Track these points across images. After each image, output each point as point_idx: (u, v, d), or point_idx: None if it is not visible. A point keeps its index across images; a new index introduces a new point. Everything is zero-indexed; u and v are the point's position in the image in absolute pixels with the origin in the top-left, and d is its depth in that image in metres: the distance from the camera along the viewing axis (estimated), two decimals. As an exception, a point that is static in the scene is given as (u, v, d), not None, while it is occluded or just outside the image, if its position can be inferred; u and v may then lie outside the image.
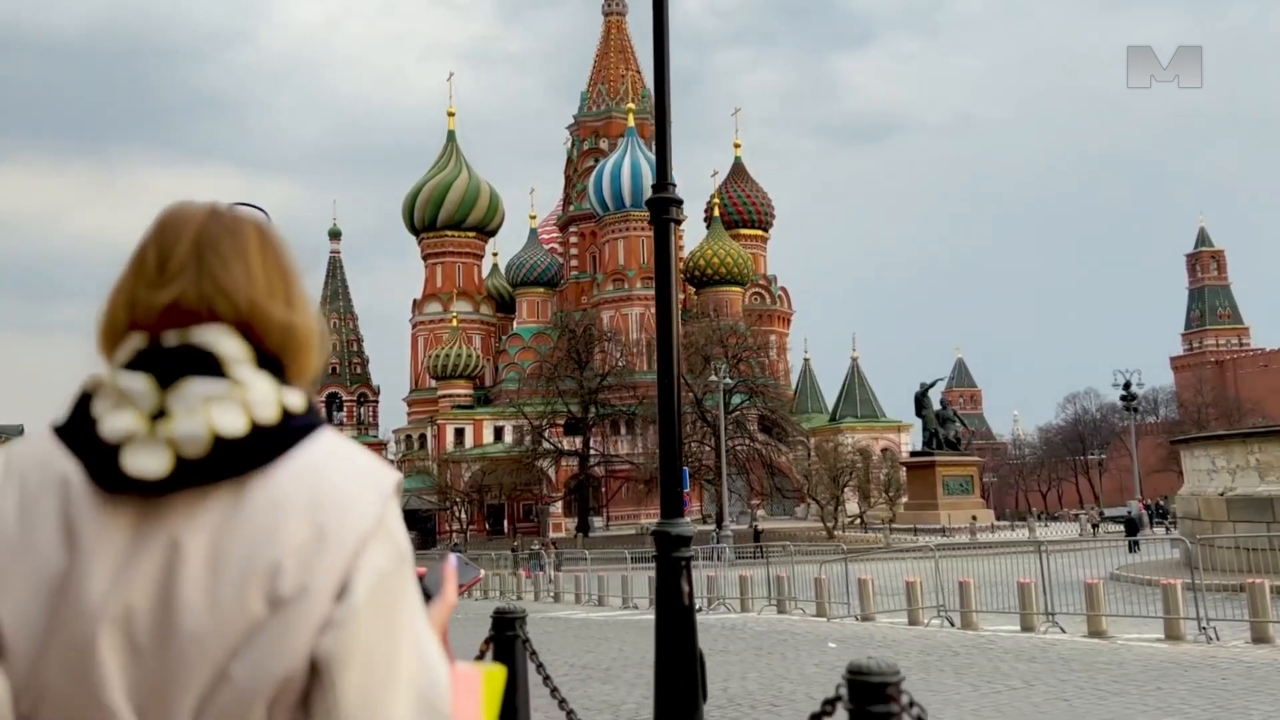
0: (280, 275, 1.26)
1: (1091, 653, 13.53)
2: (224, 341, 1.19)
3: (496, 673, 1.57)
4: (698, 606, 21.62)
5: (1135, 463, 72.36)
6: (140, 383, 1.16)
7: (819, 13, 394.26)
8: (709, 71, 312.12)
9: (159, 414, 1.14)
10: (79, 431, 1.16)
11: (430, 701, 1.17)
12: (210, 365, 1.17)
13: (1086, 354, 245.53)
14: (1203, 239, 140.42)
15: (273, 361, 1.22)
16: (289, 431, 1.17)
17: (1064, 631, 15.55)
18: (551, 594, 32.79)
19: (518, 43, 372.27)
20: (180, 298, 1.19)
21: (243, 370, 1.18)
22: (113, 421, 1.14)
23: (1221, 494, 23.00)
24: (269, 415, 1.17)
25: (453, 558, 1.65)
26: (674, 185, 4.67)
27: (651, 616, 19.72)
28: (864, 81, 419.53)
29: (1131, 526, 45.51)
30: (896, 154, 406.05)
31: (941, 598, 17.70)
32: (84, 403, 1.19)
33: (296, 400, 1.20)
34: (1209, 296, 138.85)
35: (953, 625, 17.18)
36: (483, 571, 2.00)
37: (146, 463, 1.12)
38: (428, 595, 1.44)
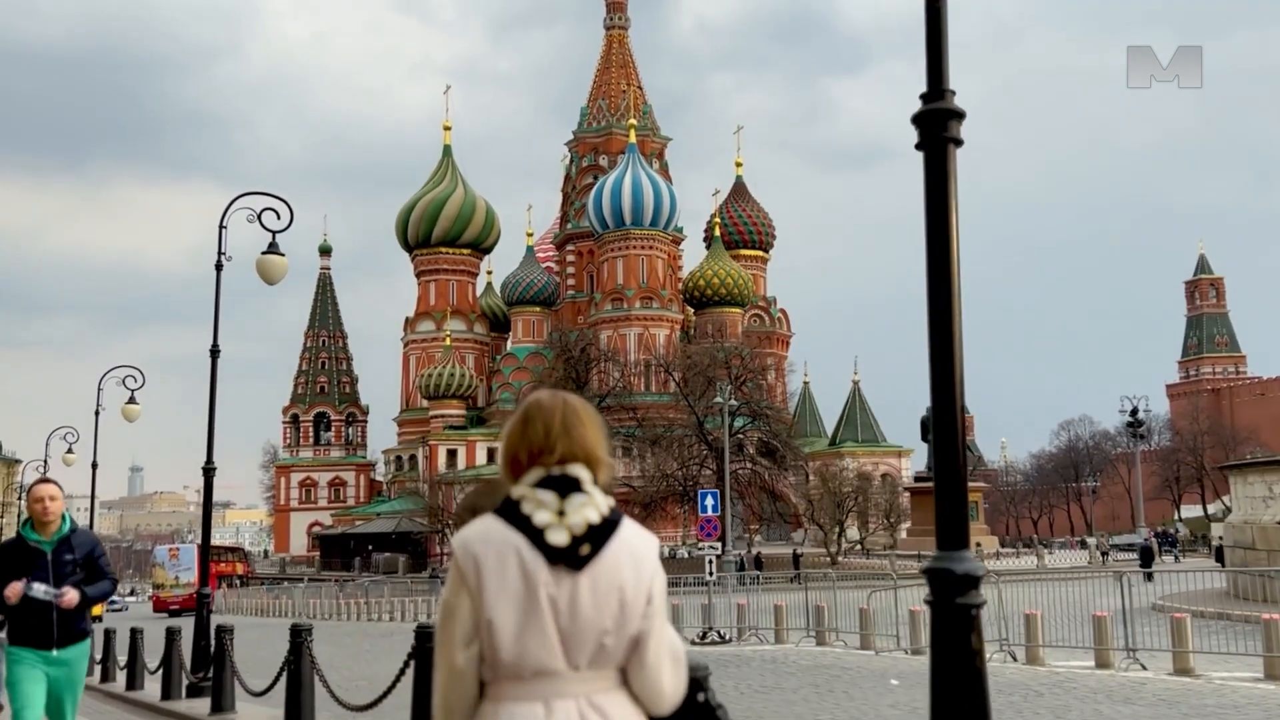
0: (598, 434, 2.52)
1: (1191, 694, 12.27)
2: (583, 473, 2.45)
3: None
4: (726, 636, 20.27)
5: (1140, 490, 71.19)
6: (549, 496, 2.40)
7: (812, 36, 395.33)
8: (701, 95, 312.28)
9: (560, 512, 2.38)
10: (518, 519, 2.38)
11: (677, 653, 2.49)
12: (578, 485, 2.43)
13: (1080, 381, 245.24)
14: (1202, 266, 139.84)
15: (595, 481, 2.47)
16: (614, 521, 2.43)
17: (1144, 668, 14.28)
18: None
19: (506, 61, 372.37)
20: (562, 452, 2.45)
21: (591, 487, 2.44)
22: (539, 516, 2.37)
23: (1279, 522, 21.82)
24: (606, 512, 2.42)
25: None
26: (952, 93, 3.40)
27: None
28: (857, 106, 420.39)
29: (1147, 555, 44.28)
30: (889, 178, 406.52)
31: (1002, 630, 16.39)
32: (513, 503, 2.41)
33: (612, 503, 2.46)
34: (1207, 324, 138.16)
35: (1014, 660, 15.90)
36: None
37: (558, 538, 2.36)
38: None
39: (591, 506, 2.41)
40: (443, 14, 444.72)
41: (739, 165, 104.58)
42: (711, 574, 22.67)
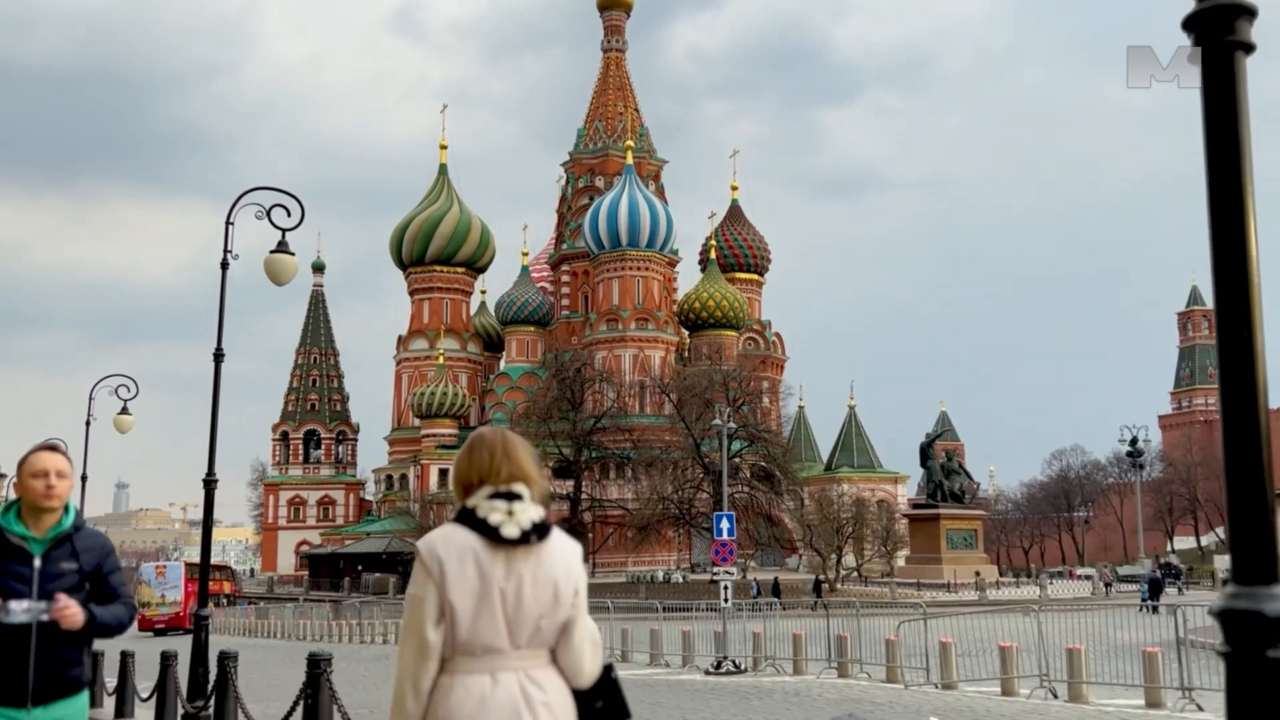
0: (532, 458, 3.14)
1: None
2: (523, 489, 3.06)
3: None
4: (741, 666, 19.32)
5: (1140, 521, 70.39)
6: (501, 503, 3.00)
7: (802, 66, 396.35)
8: (692, 122, 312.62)
9: (510, 513, 2.98)
10: (475, 523, 2.99)
11: (595, 638, 3.09)
12: (520, 497, 3.03)
13: (1070, 410, 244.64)
14: (1194, 297, 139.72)
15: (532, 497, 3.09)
16: (548, 525, 3.04)
17: (1201, 709, 13.43)
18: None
19: (500, 85, 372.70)
20: (506, 473, 3.07)
21: (530, 499, 3.05)
22: (494, 517, 2.97)
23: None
24: (542, 517, 3.03)
25: None
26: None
27: (691, 676, 17.14)
28: (846, 135, 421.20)
29: (1156, 587, 43.41)
30: (878, 207, 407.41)
31: (1042, 664, 15.53)
32: (469, 511, 3.02)
33: (544, 513, 3.06)
34: (1200, 355, 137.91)
35: (1056, 697, 15.05)
36: None
37: (510, 532, 2.96)
38: None
39: (532, 512, 3.06)
40: (437, 37, 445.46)
41: (734, 189, 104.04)
42: (726, 600, 21.73)
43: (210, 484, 12.44)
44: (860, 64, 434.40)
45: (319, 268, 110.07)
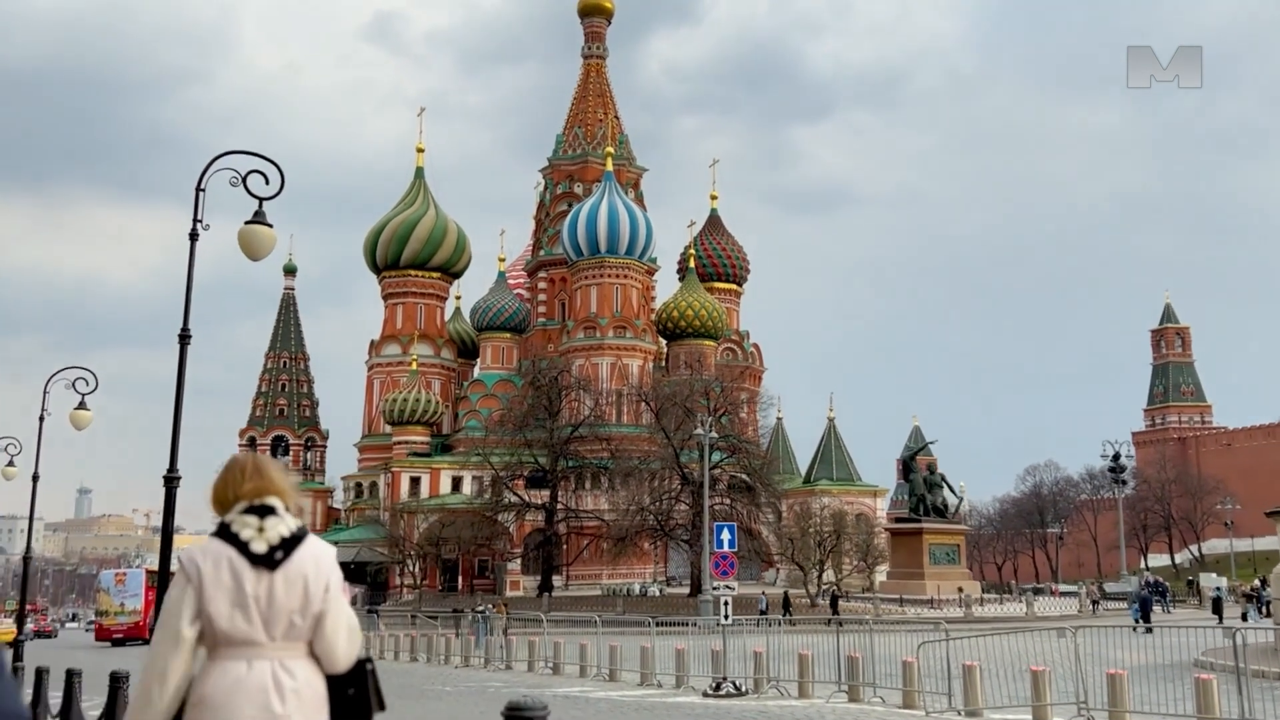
0: (283, 475, 3.66)
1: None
2: (275, 502, 3.58)
3: None
4: (742, 688, 18.00)
5: (1124, 537, 69.61)
6: (252, 519, 3.51)
7: (776, 83, 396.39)
8: (667, 136, 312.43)
9: (260, 529, 3.47)
10: (229, 536, 3.46)
11: (352, 626, 3.54)
12: (273, 510, 3.54)
13: (1042, 426, 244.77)
14: (1168, 315, 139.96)
15: (287, 508, 3.63)
16: (301, 535, 3.53)
17: (1261, 742, 12.26)
18: (503, 662, 28.66)
19: (476, 96, 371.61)
20: (255, 488, 3.57)
21: (283, 512, 3.57)
22: (244, 533, 3.47)
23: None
24: (295, 528, 3.53)
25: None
26: None
27: (689, 699, 15.78)
28: (820, 152, 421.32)
29: (1147, 606, 42.44)
30: (853, 223, 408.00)
31: (1080, 691, 14.31)
32: (225, 525, 3.51)
33: (299, 523, 3.58)
34: (1173, 373, 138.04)
35: (1094, 727, 13.84)
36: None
37: (259, 547, 3.45)
38: None
39: (284, 525, 3.49)
40: (414, 48, 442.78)
41: (714, 198, 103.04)
42: (727, 617, 20.45)
43: (171, 481, 11.03)
44: (834, 83, 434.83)
45: (290, 270, 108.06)
